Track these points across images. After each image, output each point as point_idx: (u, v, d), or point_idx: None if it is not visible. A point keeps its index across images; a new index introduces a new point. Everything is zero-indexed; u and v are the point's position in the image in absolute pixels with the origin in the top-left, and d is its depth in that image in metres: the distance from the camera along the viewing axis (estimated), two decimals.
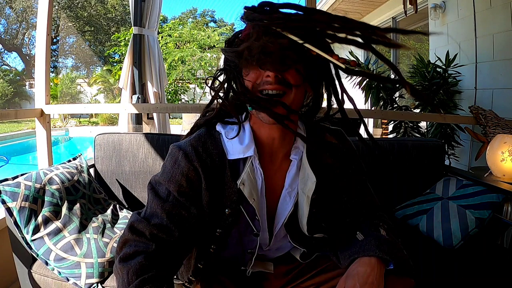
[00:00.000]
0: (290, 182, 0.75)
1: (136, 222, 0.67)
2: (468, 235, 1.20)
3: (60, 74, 15.23)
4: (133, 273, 0.61)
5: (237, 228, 0.74)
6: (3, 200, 1.02)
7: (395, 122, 2.91)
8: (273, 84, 0.64)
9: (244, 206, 0.71)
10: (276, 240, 0.80)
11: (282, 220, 0.76)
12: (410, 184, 1.53)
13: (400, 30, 0.54)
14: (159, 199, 0.69)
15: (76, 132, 10.79)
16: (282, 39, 0.58)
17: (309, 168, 0.73)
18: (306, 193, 0.73)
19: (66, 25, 16.46)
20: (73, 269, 1.02)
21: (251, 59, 0.60)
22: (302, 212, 0.74)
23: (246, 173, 0.71)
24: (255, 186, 0.72)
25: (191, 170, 0.69)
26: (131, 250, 0.64)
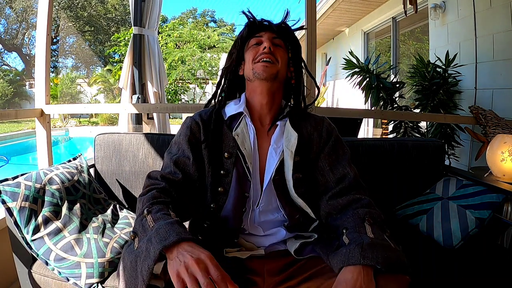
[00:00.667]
0: (276, 140, 0.93)
1: (151, 172, 0.91)
2: (468, 235, 1.20)
3: (60, 74, 15.22)
4: (147, 200, 0.79)
5: (236, 170, 0.90)
6: (3, 200, 1.02)
7: (395, 122, 2.91)
8: (268, 54, 0.90)
9: (240, 152, 0.90)
10: (266, 197, 0.91)
11: (270, 173, 0.90)
12: (410, 184, 1.53)
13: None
14: (170, 155, 0.92)
15: (76, 132, 10.78)
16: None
17: (292, 129, 0.93)
18: (290, 148, 0.90)
19: (66, 25, 16.46)
20: (73, 269, 1.02)
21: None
22: (288, 167, 0.89)
23: (240, 127, 0.93)
24: (247, 138, 0.92)
25: (194, 123, 0.94)
26: (148, 189, 0.84)
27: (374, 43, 5.92)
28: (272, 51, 0.90)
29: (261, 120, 0.96)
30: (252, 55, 0.92)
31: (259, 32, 0.94)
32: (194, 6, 22.93)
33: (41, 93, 1.75)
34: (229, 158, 0.90)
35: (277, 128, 0.94)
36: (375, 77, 2.86)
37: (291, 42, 0.96)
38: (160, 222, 0.70)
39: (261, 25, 0.95)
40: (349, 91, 3.08)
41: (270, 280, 0.84)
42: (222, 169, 0.90)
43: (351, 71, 3.03)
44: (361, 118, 3.01)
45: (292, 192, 0.89)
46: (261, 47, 0.91)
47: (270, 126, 0.95)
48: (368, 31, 5.67)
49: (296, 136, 0.91)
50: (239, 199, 0.90)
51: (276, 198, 0.91)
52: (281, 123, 0.95)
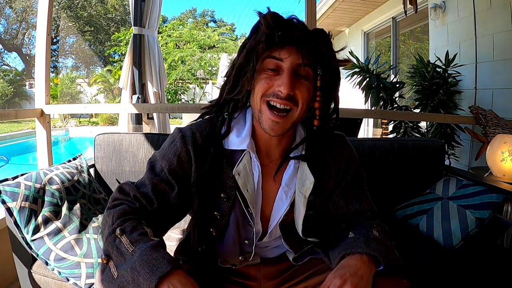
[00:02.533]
0: (287, 181, 0.76)
1: (124, 185, 0.74)
2: (468, 235, 1.20)
3: (60, 74, 15.22)
4: (117, 216, 0.66)
5: (234, 215, 0.76)
6: (3, 200, 1.02)
7: (395, 122, 2.91)
8: (283, 100, 0.67)
9: (241, 195, 0.74)
10: (270, 238, 0.81)
11: (277, 219, 0.77)
12: (410, 184, 1.53)
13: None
14: (151, 172, 0.74)
15: (76, 132, 10.78)
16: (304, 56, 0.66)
17: (307, 169, 0.75)
18: (303, 193, 0.74)
19: (66, 25, 16.46)
20: (73, 269, 1.02)
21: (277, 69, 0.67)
22: (299, 212, 0.75)
23: (242, 163, 0.74)
24: (250, 178, 0.74)
25: (184, 152, 0.73)
26: (117, 202, 0.71)
27: (374, 43, 5.92)
28: (293, 95, 0.67)
29: (268, 154, 0.78)
30: (263, 89, 0.68)
31: (280, 47, 0.66)
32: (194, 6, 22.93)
33: (41, 93, 1.75)
34: (227, 201, 0.75)
35: (290, 166, 0.77)
36: (375, 77, 2.86)
37: (325, 64, 0.69)
38: (141, 246, 0.59)
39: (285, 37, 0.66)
40: (349, 91, 3.08)
41: (266, 283, 0.83)
42: (217, 210, 0.75)
43: (351, 71, 3.03)
44: (361, 118, 3.00)
45: (300, 234, 0.78)
46: (277, 82, 0.67)
47: (280, 164, 0.76)
48: (368, 31, 5.67)
49: (313, 181, 0.73)
50: (236, 244, 0.79)
51: (281, 239, 0.81)
52: (295, 160, 0.77)
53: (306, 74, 0.68)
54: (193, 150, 0.73)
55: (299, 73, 0.68)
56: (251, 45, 0.68)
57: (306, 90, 0.68)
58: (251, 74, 0.68)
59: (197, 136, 0.74)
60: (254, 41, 0.68)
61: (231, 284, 0.82)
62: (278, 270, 0.84)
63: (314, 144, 0.76)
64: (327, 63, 0.69)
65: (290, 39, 0.66)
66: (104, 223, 0.69)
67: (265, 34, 0.65)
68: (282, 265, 0.84)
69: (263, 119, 0.69)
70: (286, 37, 0.66)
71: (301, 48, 0.66)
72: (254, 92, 0.71)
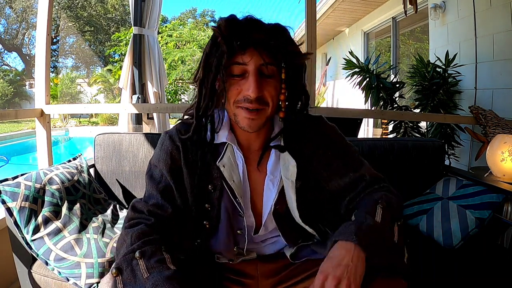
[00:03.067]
0: (272, 170, 0.79)
1: (136, 203, 0.77)
2: (468, 235, 1.20)
3: (60, 74, 15.22)
4: (136, 236, 0.68)
5: (225, 206, 0.78)
6: (3, 200, 1.02)
7: (395, 122, 2.91)
8: (253, 103, 0.70)
9: (228, 186, 0.77)
10: (266, 231, 0.82)
11: (269, 209, 0.79)
12: (410, 184, 1.53)
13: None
14: (153, 181, 0.78)
15: (76, 132, 10.79)
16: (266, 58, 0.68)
17: (288, 154, 0.77)
18: (289, 178, 0.76)
19: (66, 25, 16.47)
20: (73, 269, 1.02)
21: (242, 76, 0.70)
22: (290, 199, 0.77)
23: (226, 156, 0.78)
24: (235, 169, 0.78)
25: (174, 148, 0.78)
26: (134, 221, 0.73)
27: (374, 43, 5.92)
28: (261, 96, 0.69)
29: (249, 147, 0.81)
30: (233, 95, 0.71)
31: (242, 52, 0.68)
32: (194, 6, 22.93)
33: (41, 93, 1.75)
34: (214, 191, 0.77)
35: (271, 155, 0.80)
36: (375, 77, 2.86)
37: (288, 59, 0.71)
38: (155, 275, 0.61)
39: (245, 41, 0.67)
40: (349, 91, 3.08)
41: (264, 282, 0.82)
42: (207, 202, 0.78)
43: (351, 71, 3.03)
44: (361, 118, 3.01)
45: (299, 222, 0.79)
46: (244, 87, 0.69)
47: (261, 154, 0.79)
48: (368, 31, 5.67)
49: (295, 164, 0.76)
50: (230, 235, 0.80)
51: (276, 229, 0.82)
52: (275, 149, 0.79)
53: (271, 72, 0.70)
54: (181, 145, 0.77)
55: (264, 73, 0.70)
56: (215, 61, 0.69)
57: (274, 89, 0.71)
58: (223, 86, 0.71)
59: (182, 132, 0.79)
60: (216, 57, 0.69)
61: (228, 281, 0.82)
62: (275, 268, 0.84)
63: (292, 131, 0.79)
64: (289, 58, 0.71)
65: (249, 42, 0.67)
66: (122, 242, 0.70)
67: (225, 45, 0.67)
68: (280, 263, 0.84)
69: (239, 119, 0.73)
70: (246, 41, 0.67)
71: (261, 49, 0.68)
72: (226, 100, 0.73)
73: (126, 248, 0.67)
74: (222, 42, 0.67)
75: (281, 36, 0.70)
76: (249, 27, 0.68)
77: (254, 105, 0.70)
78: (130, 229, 0.70)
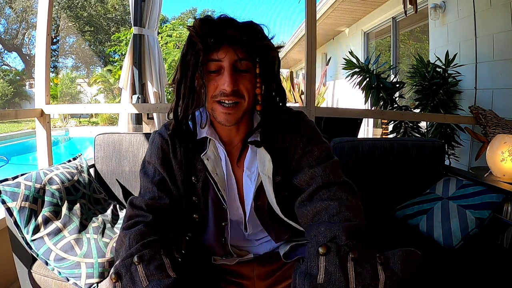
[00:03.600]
0: (248, 165, 0.81)
1: (133, 199, 0.79)
2: (468, 235, 1.20)
3: (60, 74, 15.22)
4: (134, 238, 0.68)
5: (211, 199, 0.81)
6: (3, 200, 1.02)
7: (395, 122, 2.91)
8: (229, 96, 0.72)
9: (212, 179, 0.80)
10: (255, 228, 0.84)
11: (250, 203, 0.81)
12: (410, 184, 1.53)
13: None
14: (148, 176, 0.81)
15: (76, 132, 10.79)
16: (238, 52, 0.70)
17: (264, 149, 0.78)
18: (266, 173, 0.78)
19: (66, 25, 16.46)
20: (73, 269, 1.02)
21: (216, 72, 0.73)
22: (269, 194, 0.79)
23: (210, 149, 0.80)
24: (219, 163, 0.81)
25: (164, 142, 0.81)
26: (132, 221, 0.73)
27: (374, 43, 5.92)
28: (236, 89, 0.72)
29: (231, 142, 0.83)
30: (211, 91, 0.73)
31: (217, 48, 0.70)
32: (194, 6, 22.94)
33: (41, 93, 1.75)
34: (197, 183, 0.80)
35: (248, 150, 0.81)
36: (375, 77, 2.86)
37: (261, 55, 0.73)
38: (155, 284, 0.61)
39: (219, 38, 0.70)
40: (349, 91, 3.08)
41: (260, 284, 0.83)
42: (194, 195, 0.81)
43: (351, 71, 3.03)
44: (361, 118, 3.01)
45: (282, 216, 0.80)
46: (220, 82, 0.71)
47: (241, 149, 0.81)
48: (368, 31, 5.67)
49: (270, 159, 0.76)
50: (217, 227, 0.82)
51: (259, 225, 0.84)
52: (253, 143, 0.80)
53: (246, 67, 0.73)
54: (170, 139, 0.81)
55: (239, 68, 0.73)
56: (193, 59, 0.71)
57: (249, 82, 0.74)
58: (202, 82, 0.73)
59: (170, 128, 0.81)
60: (192, 55, 0.71)
61: (225, 283, 0.83)
62: (270, 269, 0.84)
63: (269, 127, 0.79)
64: (262, 53, 0.73)
65: (223, 39, 0.70)
66: (120, 243, 0.70)
67: (200, 43, 0.70)
68: (275, 264, 0.85)
69: (217, 114, 0.75)
70: (220, 39, 0.70)
71: (235, 45, 0.71)
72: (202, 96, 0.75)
73: (125, 251, 0.67)
74: (198, 40, 0.70)
75: (253, 33, 0.72)
76: (222, 25, 0.71)
77: (230, 98, 0.72)
78: (128, 231, 0.70)
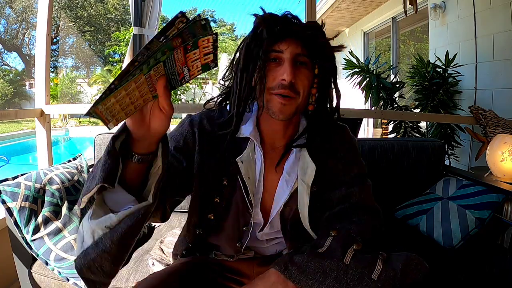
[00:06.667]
0: (288, 170, 0.78)
1: None
2: (468, 235, 1.20)
3: (60, 74, 15.22)
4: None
5: (235, 201, 0.77)
6: (3, 200, 1.02)
7: (395, 122, 2.91)
8: (286, 89, 0.71)
9: (242, 182, 0.76)
10: (271, 230, 0.82)
11: (278, 208, 0.78)
12: (410, 184, 1.53)
13: None
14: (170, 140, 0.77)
15: (76, 132, 10.78)
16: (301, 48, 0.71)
17: (308, 156, 0.76)
18: (306, 181, 0.75)
19: (66, 25, 16.46)
20: (73, 269, 1.01)
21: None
22: (303, 202, 0.76)
23: (246, 152, 0.76)
24: (252, 167, 0.77)
25: (190, 133, 0.78)
26: None
27: (374, 43, 5.92)
28: (294, 82, 0.70)
29: (273, 146, 0.80)
30: (269, 82, 0.72)
31: (279, 40, 0.71)
32: (194, 6, 22.94)
33: (41, 93, 1.75)
34: (228, 186, 0.77)
35: (291, 155, 0.79)
36: (375, 77, 2.86)
37: (323, 58, 0.73)
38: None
39: (283, 30, 0.70)
40: (349, 91, 3.08)
41: None
42: (217, 195, 0.77)
43: (351, 71, 3.03)
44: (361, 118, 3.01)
45: (306, 227, 0.77)
46: (279, 72, 0.71)
47: (284, 153, 0.78)
48: (368, 31, 5.67)
49: (314, 168, 0.75)
50: (235, 230, 0.80)
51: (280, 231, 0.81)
52: (296, 149, 0.78)
53: (305, 61, 0.73)
54: (199, 133, 0.77)
55: (298, 61, 0.72)
56: (254, 45, 0.71)
57: (306, 78, 0.73)
58: (262, 72, 0.72)
59: (205, 122, 0.79)
60: (256, 45, 0.71)
61: (224, 279, 0.82)
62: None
63: (316, 133, 0.78)
64: (323, 52, 0.73)
65: (288, 32, 0.71)
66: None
67: (265, 31, 0.70)
68: None
69: (272, 104, 0.72)
70: (284, 31, 0.71)
71: (298, 39, 0.71)
72: (260, 87, 0.73)
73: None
74: (264, 26, 0.70)
75: (317, 30, 0.73)
76: (288, 19, 0.72)
77: (287, 91, 0.71)
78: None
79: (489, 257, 1.18)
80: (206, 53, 0.53)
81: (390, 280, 0.60)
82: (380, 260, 0.62)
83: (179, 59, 0.51)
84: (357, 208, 0.75)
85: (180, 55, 0.50)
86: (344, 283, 0.60)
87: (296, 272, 0.62)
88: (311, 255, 0.64)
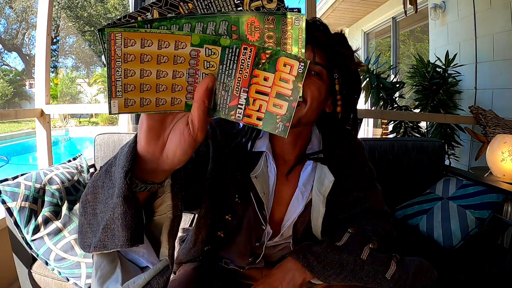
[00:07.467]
0: (305, 182, 0.75)
1: None
2: (468, 235, 1.20)
3: (60, 74, 15.22)
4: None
5: (248, 217, 0.74)
6: (3, 200, 1.02)
7: (395, 122, 2.91)
8: None
9: (256, 197, 0.72)
10: (280, 238, 0.80)
11: (292, 220, 0.76)
12: (410, 184, 1.53)
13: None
14: None
15: (76, 132, 10.79)
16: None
17: (327, 168, 0.73)
18: (322, 192, 0.73)
19: (66, 25, 16.46)
20: (73, 269, 1.02)
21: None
22: (318, 213, 0.73)
23: (259, 166, 0.72)
24: (267, 181, 0.73)
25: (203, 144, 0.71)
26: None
27: (374, 43, 5.92)
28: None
29: (284, 158, 0.76)
30: None
31: None
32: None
33: (41, 93, 1.75)
34: (241, 204, 0.73)
35: (307, 166, 0.76)
36: (375, 77, 2.86)
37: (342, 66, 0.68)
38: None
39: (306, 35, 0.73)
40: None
41: None
42: (229, 213, 0.73)
43: None
44: (361, 118, 3.01)
45: (316, 235, 0.76)
46: None
47: (293, 165, 0.75)
48: (368, 31, 5.67)
49: (333, 180, 0.72)
50: (247, 246, 0.77)
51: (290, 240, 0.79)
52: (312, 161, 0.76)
53: (319, 72, 0.67)
54: (212, 145, 0.72)
55: (313, 70, 0.67)
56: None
57: (317, 88, 0.66)
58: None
59: (217, 133, 0.73)
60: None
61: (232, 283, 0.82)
62: None
63: (332, 145, 0.74)
64: (344, 65, 0.68)
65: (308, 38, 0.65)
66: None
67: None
68: None
69: None
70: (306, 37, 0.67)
71: (317, 48, 0.67)
72: None
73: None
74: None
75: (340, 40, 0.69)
76: (312, 26, 0.69)
77: None
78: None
79: (489, 257, 1.18)
80: (280, 92, 0.31)
81: (402, 281, 0.61)
82: (394, 261, 0.63)
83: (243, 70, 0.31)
84: (369, 212, 0.76)
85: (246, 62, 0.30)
86: (359, 278, 0.61)
87: (314, 261, 0.63)
88: (329, 246, 0.65)
